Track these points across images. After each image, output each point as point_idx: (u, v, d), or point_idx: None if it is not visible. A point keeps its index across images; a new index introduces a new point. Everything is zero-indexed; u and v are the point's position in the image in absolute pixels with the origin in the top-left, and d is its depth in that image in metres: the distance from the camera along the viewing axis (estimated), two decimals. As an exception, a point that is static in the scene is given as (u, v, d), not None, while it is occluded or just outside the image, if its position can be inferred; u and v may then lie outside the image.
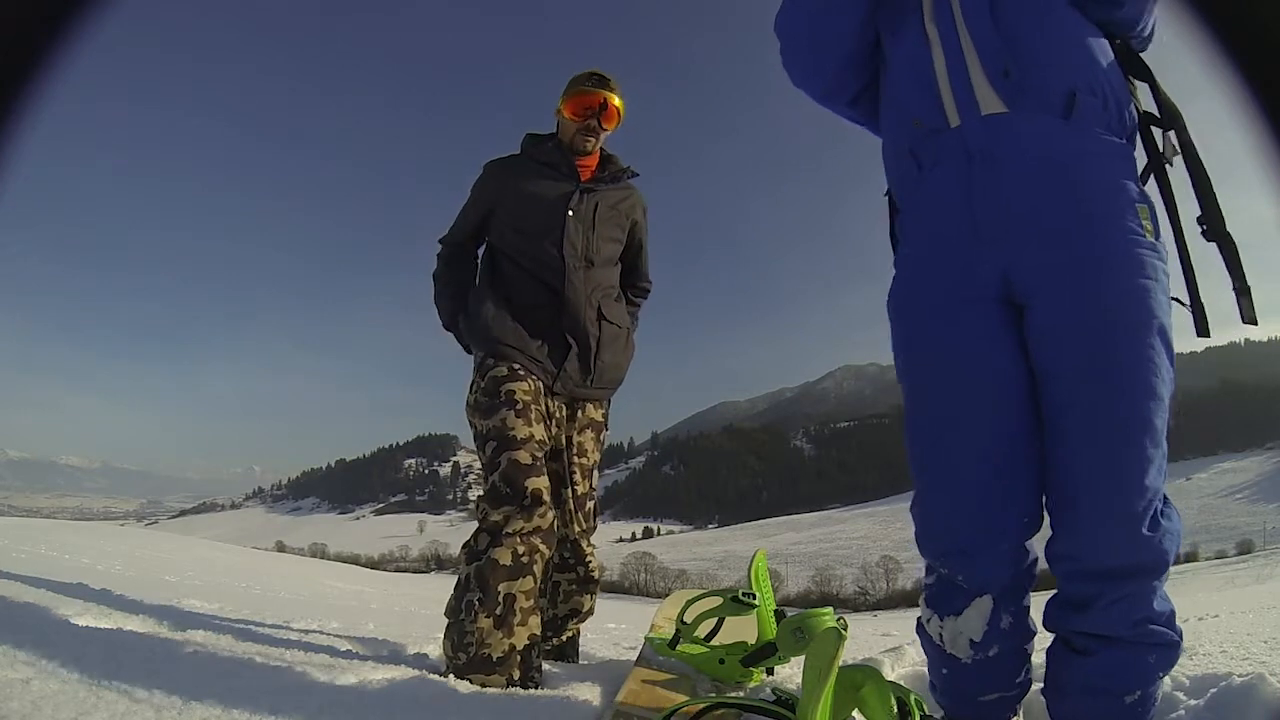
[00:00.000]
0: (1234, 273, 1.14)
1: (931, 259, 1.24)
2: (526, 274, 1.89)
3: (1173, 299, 1.13)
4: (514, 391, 1.76)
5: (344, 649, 1.83)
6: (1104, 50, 1.22)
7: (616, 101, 1.93)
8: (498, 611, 1.56)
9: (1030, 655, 1.24)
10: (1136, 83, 1.27)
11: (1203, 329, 1.13)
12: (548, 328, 1.86)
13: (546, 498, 1.67)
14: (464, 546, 1.69)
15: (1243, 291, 1.14)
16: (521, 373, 1.79)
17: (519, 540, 1.61)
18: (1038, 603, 1.19)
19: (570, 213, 1.90)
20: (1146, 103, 1.27)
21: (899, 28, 1.30)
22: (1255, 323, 1.11)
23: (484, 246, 2.04)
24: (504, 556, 1.59)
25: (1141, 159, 1.25)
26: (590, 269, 1.91)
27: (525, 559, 1.61)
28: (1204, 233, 1.16)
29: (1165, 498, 1.10)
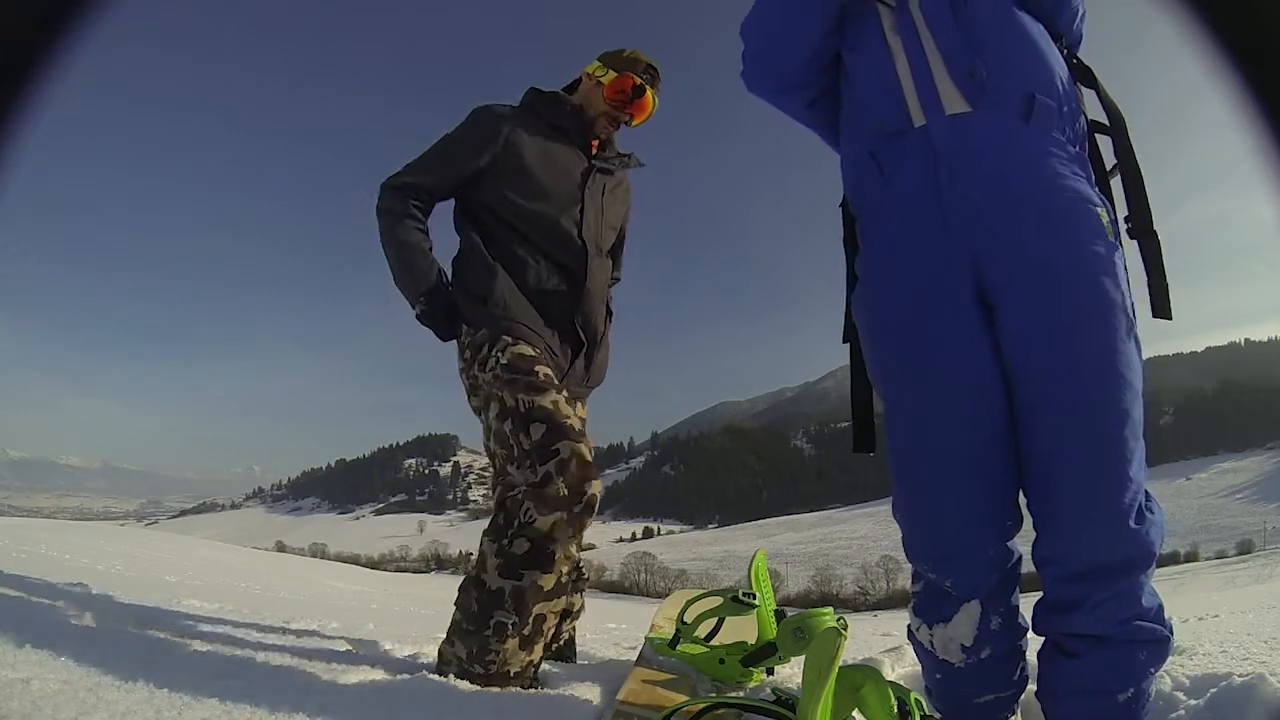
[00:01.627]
0: (1155, 268, 1.19)
1: (902, 262, 1.23)
2: (540, 253, 1.67)
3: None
4: (551, 376, 1.55)
5: (344, 649, 1.83)
6: (1058, 56, 1.23)
7: (656, 104, 1.82)
8: (525, 632, 1.45)
9: (1024, 652, 1.23)
10: (1084, 90, 1.29)
11: (1164, 310, 1.17)
12: (560, 318, 1.68)
13: (596, 505, 1.51)
14: (494, 539, 1.48)
15: (1161, 287, 1.18)
16: (544, 360, 1.60)
17: (564, 560, 1.46)
18: (1027, 601, 1.19)
19: (586, 192, 1.73)
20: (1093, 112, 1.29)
21: (858, 42, 1.31)
22: (1170, 317, 1.16)
23: (462, 205, 1.74)
24: (548, 582, 1.45)
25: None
26: (601, 257, 1.76)
27: (563, 579, 1.48)
28: (1129, 230, 1.20)
29: (1146, 491, 1.10)
